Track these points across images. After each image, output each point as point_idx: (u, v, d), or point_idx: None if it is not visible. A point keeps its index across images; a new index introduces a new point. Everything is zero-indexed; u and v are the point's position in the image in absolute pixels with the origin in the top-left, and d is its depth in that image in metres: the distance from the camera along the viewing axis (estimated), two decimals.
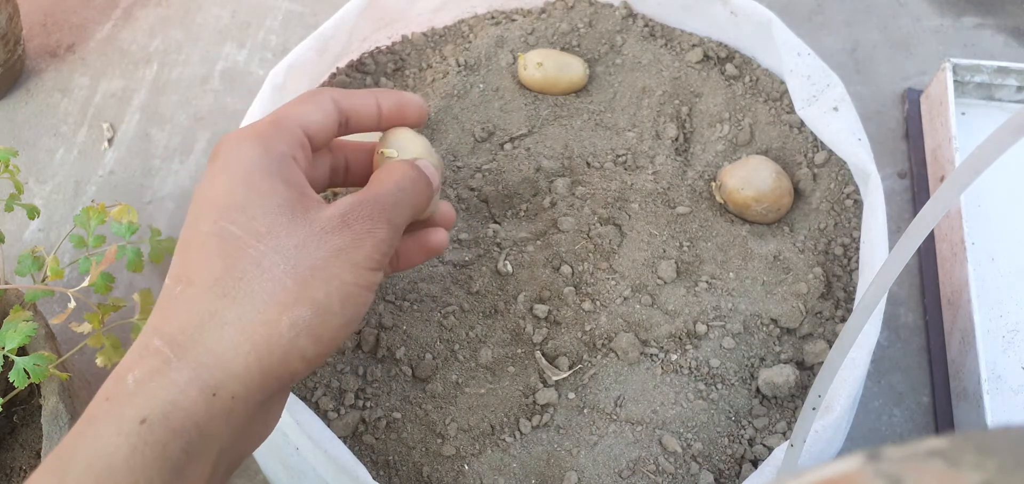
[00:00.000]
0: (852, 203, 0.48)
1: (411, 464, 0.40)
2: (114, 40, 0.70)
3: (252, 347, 0.28)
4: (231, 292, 0.28)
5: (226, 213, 0.30)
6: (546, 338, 0.43)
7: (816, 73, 0.49)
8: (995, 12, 0.73)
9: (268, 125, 0.33)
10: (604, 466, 0.39)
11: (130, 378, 0.27)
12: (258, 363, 0.28)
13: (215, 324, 0.28)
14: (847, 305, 0.45)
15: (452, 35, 0.56)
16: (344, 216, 0.31)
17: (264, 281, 0.29)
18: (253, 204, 0.30)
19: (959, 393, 0.51)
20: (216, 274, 0.29)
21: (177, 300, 0.29)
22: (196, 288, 0.29)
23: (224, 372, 0.28)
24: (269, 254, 0.29)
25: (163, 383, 0.27)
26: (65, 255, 0.56)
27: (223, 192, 0.30)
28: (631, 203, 0.47)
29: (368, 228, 0.31)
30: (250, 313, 0.28)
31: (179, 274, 0.30)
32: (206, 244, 0.29)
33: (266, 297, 0.28)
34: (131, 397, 0.27)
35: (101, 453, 0.26)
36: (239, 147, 0.31)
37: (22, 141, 0.64)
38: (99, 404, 0.27)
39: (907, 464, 0.13)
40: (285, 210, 0.30)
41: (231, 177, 0.30)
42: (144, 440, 0.26)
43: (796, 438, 0.32)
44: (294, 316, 0.29)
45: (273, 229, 0.29)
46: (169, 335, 0.28)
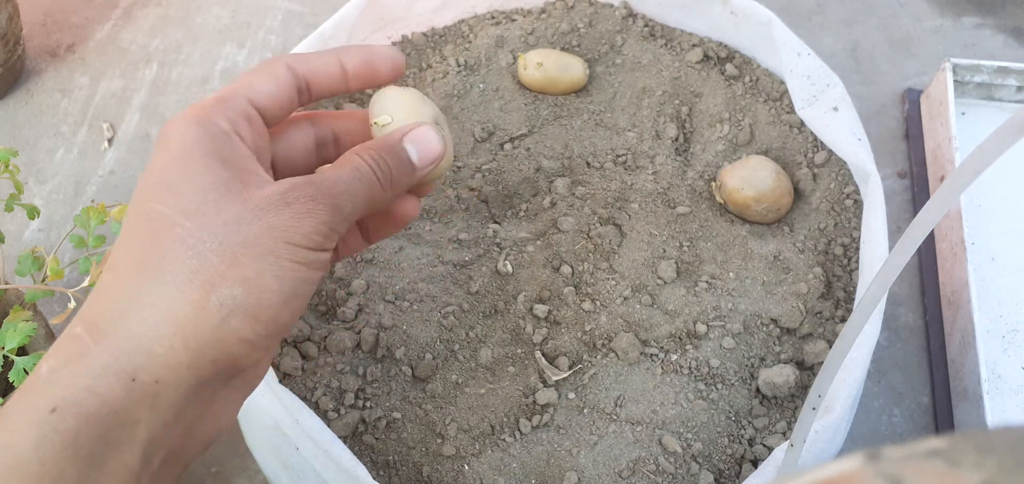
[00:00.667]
0: (852, 203, 0.48)
1: (411, 464, 0.40)
2: (114, 40, 0.70)
3: (177, 328, 0.27)
4: (153, 272, 0.27)
5: (156, 193, 0.28)
6: (546, 338, 0.43)
7: (816, 73, 0.49)
8: (995, 12, 0.73)
9: (211, 102, 0.31)
10: (604, 466, 0.39)
11: (45, 368, 0.26)
12: (184, 345, 0.27)
13: (136, 307, 0.27)
14: (847, 305, 0.45)
15: (452, 35, 0.56)
16: (284, 195, 0.29)
17: (189, 259, 0.27)
18: (184, 183, 0.28)
19: (959, 393, 0.51)
20: (139, 256, 0.27)
21: (102, 285, 0.28)
22: (119, 271, 0.28)
23: (145, 356, 0.26)
24: (195, 231, 0.27)
25: (77, 370, 0.26)
26: (65, 255, 0.56)
27: (155, 173, 0.29)
28: (631, 203, 0.47)
29: (309, 208, 0.29)
30: (173, 293, 0.27)
31: (110, 262, 0.28)
32: (134, 228, 0.28)
33: (190, 275, 0.27)
34: (43, 386, 0.26)
35: (8, 444, 0.24)
36: (178, 127, 0.30)
37: (22, 141, 0.64)
38: (13, 398, 0.26)
39: (907, 464, 0.13)
40: (218, 187, 0.28)
41: (166, 158, 0.29)
42: (54, 428, 0.25)
43: (796, 438, 0.32)
44: (223, 294, 0.27)
45: (202, 207, 0.28)
46: (89, 321, 0.27)
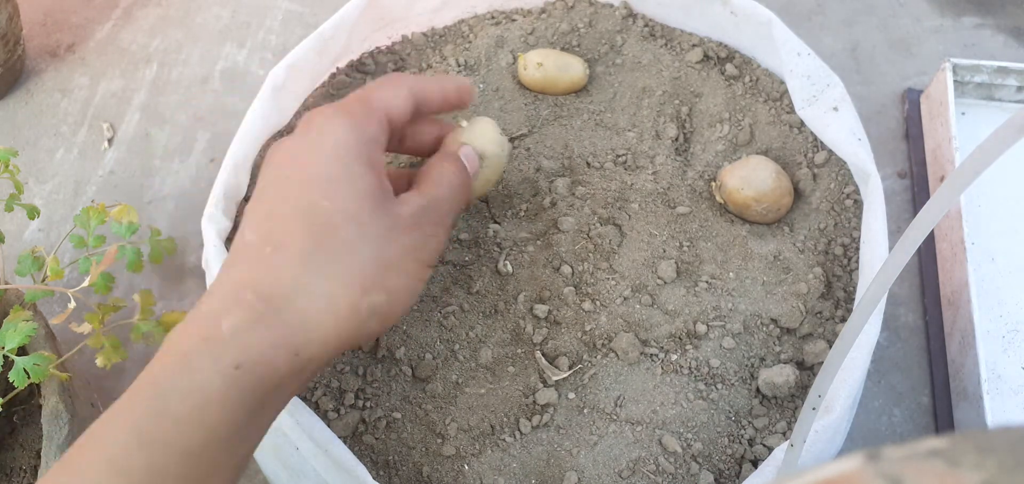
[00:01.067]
0: (852, 203, 0.48)
1: (411, 464, 0.40)
2: (114, 40, 0.70)
3: (334, 321, 0.31)
4: (323, 268, 0.31)
5: (317, 186, 0.32)
6: (546, 338, 0.43)
7: (816, 73, 0.49)
8: (995, 12, 0.73)
9: (358, 105, 0.35)
10: (604, 466, 0.39)
11: (225, 325, 0.30)
12: (336, 334, 0.31)
13: (306, 293, 0.31)
14: (847, 305, 0.45)
15: (452, 35, 0.56)
16: (416, 217, 0.34)
17: (352, 264, 0.32)
18: (343, 184, 0.33)
19: (959, 393, 0.51)
20: (308, 246, 0.31)
21: (269, 261, 0.31)
22: (288, 254, 0.31)
23: (307, 337, 0.31)
24: (358, 238, 0.32)
25: (257, 336, 0.30)
26: (65, 255, 0.56)
27: (314, 164, 0.33)
28: (631, 203, 0.47)
29: (432, 232, 0.35)
30: (338, 291, 0.31)
31: (267, 235, 0.32)
32: (296, 213, 0.32)
33: (352, 278, 0.32)
34: (227, 343, 0.29)
35: (199, 386, 0.29)
36: (332, 122, 0.34)
37: (22, 141, 0.64)
38: (194, 341, 0.29)
39: (907, 464, 0.13)
40: (370, 197, 0.33)
41: (323, 151, 0.33)
42: (236, 383, 0.29)
43: (796, 438, 0.32)
44: (372, 300, 0.32)
45: (361, 213, 0.32)
46: (262, 293, 0.31)
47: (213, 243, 0.42)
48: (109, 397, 0.53)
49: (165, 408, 0.28)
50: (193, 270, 0.58)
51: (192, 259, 0.58)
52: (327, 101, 0.52)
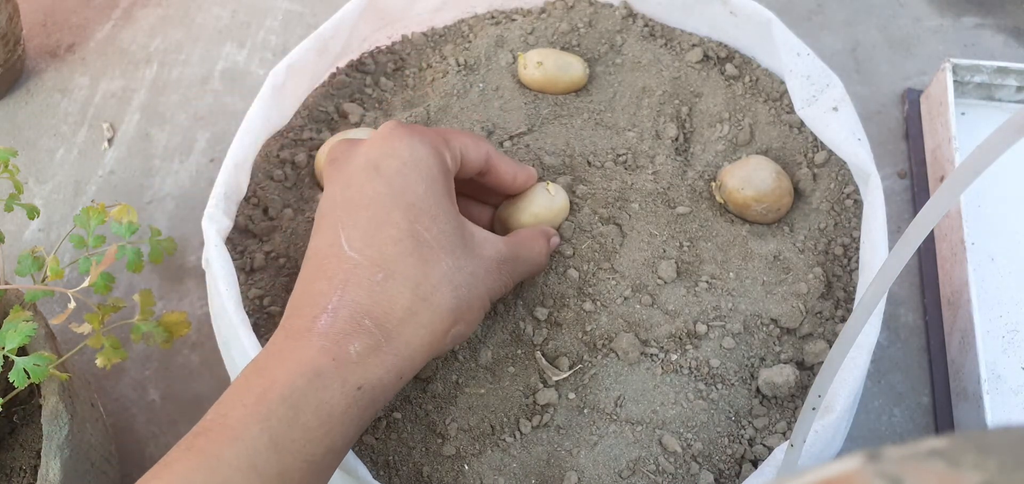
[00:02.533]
0: (852, 203, 0.48)
1: (411, 464, 0.40)
2: (114, 40, 0.70)
3: (430, 346, 0.34)
4: (427, 297, 0.34)
5: (419, 216, 0.35)
6: (546, 339, 0.43)
7: (816, 73, 0.49)
8: (995, 12, 0.73)
9: (440, 139, 0.37)
10: (604, 466, 0.39)
11: (352, 349, 0.32)
12: (426, 356, 0.35)
13: (413, 322, 0.34)
14: (847, 305, 0.45)
15: (452, 35, 0.56)
16: (499, 263, 0.37)
17: (450, 296, 0.35)
18: (441, 218, 0.35)
19: (959, 393, 0.51)
20: (416, 277, 0.34)
21: (382, 289, 0.34)
22: (398, 284, 0.34)
23: (410, 361, 0.34)
24: (456, 272, 0.35)
25: (377, 362, 0.33)
26: (65, 255, 0.56)
27: (412, 189, 0.35)
28: (631, 203, 0.47)
29: (507, 281, 0.38)
30: (436, 320, 0.34)
31: (376, 260, 0.34)
32: (403, 241, 0.34)
33: (449, 310, 0.34)
34: (354, 366, 0.32)
35: (327, 402, 0.31)
36: (420, 148, 0.36)
37: (22, 141, 0.64)
38: (325, 361, 0.32)
39: (907, 464, 0.13)
40: (461, 233, 0.36)
41: (419, 178, 0.35)
42: (357, 402, 0.32)
43: (796, 438, 0.32)
44: (458, 330, 0.36)
45: (456, 249, 0.35)
46: (378, 320, 0.33)
47: (214, 243, 0.42)
48: (109, 397, 0.53)
49: (298, 418, 0.31)
50: (193, 270, 0.58)
51: (192, 259, 0.58)
52: (327, 101, 0.52)
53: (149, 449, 0.51)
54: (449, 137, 0.38)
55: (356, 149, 0.37)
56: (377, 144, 0.36)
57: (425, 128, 0.38)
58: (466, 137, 0.39)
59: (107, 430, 0.47)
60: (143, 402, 0.53)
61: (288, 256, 0.46)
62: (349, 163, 0.36)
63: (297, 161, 0.49)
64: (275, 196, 0.48)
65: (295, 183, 0.49)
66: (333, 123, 0.52)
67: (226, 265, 0.41)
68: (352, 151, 0.37)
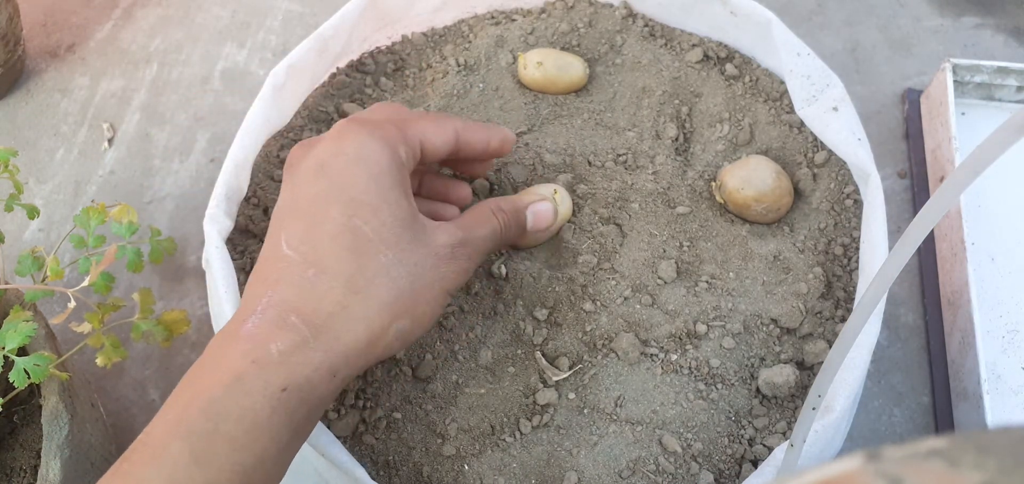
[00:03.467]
0: (852, 203, 0.48)
1: (411, 464, 0.40)
2: (114, 40, 0.70)
3: (367, 342, 0.33)
4: (361, 290, 0.33)
5: (358, 210, 0.33)
6: (546, 339, 0.43)
7: (816, 73, 0.49)
8: (995, 12, 0.73)
9: (394, 129, 0.36)
10: (604, 466, 0.39)
11: (273, 348, 0.31)
12: (366, 354, 0.33)
13: (345, 316, 0.32)
14: (847, 305, 0.45)
15: (452, 35, 0.56)
16: (453, 248, 0.36)
17: (389, 289, 0.33)
18: (383, 210, 0.34)
19: (959, 393, 0.51)
20: (350, 270, 0.33)
21: (312, 285, 0.33)
22: (330, 279, 0.33)
23: (344, 358, 0.32)
24: (395, 265, 0.33)
25: (302, 360, 0.31)
26: (65, 255, 0.56)
27: (353, 185, 0.34)
28: (631, 203, 0.47)
29: (465, 266, 0.37)
30: (373, 315, 0.33)
31: (309, 256, 0.33)
32: (338, 235, 0.33)
33: (387, 304, 0.33)
34: (276, 366, 0.31)
35: (250, 408, 0.30)
36: (370, 143, 0.35)
37: (22, 141, 0.64)
38: (245, 363, 0.31)
39: (907, 464, 0.13)
40: (408, 224, 0.34)
41: (362, 172, 0.34)
42: (283, 404, 0.31)
43: (796, 438, 0.32)
44: (400, 325, 0.34)
45: (399, 241, 0.34)
46: (306, 317, 0.32)
47: (215, 243, 0.42)
48: (109, 397, 0.53)
49: (218, 428, 0.30)
50: (193, 270, 0.58)
51: (192, 259, 0.58)
52: (327, 101, 0.52)
53: None
54: (407, 127, 0.37)
55: (309, 151, 0.36)
56: (327, 144, 0.35)
57: (381, 121, 0.36)
58: (427, 122, 0.38)
59: (107, 430, 0.47)
60: (143, 402, 0.53)
61: None
62: (300, 165, 0.36)
63: None
64: (275, 196, 0.48)
65: None
66: (333, 123, 0.52)
67: (226, 266, 0.41)
68: (305, 154, 0.36)
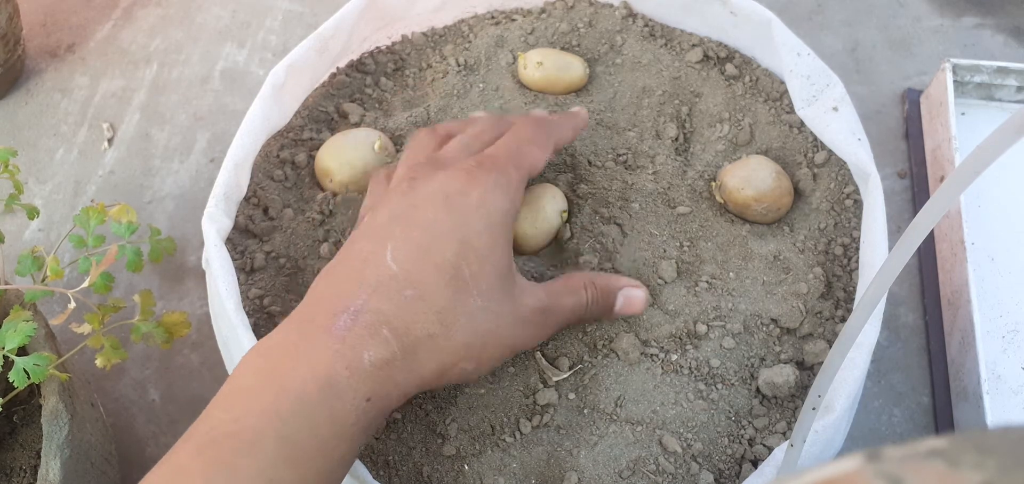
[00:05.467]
0: (852, 203, 0.48)
1: (411, 464, 0.40)
2: (114, 40, 0.70)
3: (436, 374, 0.34)
4: (448, 326, 0.34)
5: (467, 253, 0.35)
6: (546, 339, 0.43)
7: (816, 73, 0.49)
8: (995, 12, 0.73)
9: (515, 172, 0.38)
10: (604, 466, 0.39)
11: (366, 357, 0.32)
12: (431, 383, 0.34)
13: (430, 345, 0.34)
14: (847, 305, 0.45)
15: (452, 35, 0.56)
16: (535, 312, 0.37)
17: (469, 333, 0.34)
18: (487, 261, 0.35)
19: (959, 393, 0.51)
20: (444, 303, 0.34)
21: (409, 305, 0.33)
22: (426, 306, 0.34)
23: (419, 382, 0.34)
24: (481, 312, 0.35)
25: (388, 376, 0.33)
26: (65, 255, 0.56)
27: (471, 228, 0.35)
28: (632, 203, 0.47)
29: (541, 333, 0.38)
30: (450, 352, 0.34)
31: (411, 277, 0.34)
32: (442, 268, 0.34)
33: (464, 345, 0.34)
34: (366, 376, 0.32)
35: (340, 412, 0.31)
36: (494, 194, 0.36)
37: (22, 141, 0.64)
38: (338, 368, 0.32)
39: (907, 464, 0.13)
40: (504, 278, 0.36)
41: (482, 221, 0.35)
42: (365, 413, 0.32)
43: (796, 438, 0.32)
44: (466, 366, 0.35)
45: (492, 292, 0.35)
46: (398, 334, 0.33)
47: (214, 243, 0.42)
48: (108, 397, 0.53)
49: (311, 428, 0.31)
50: (193, 270, 0.58)
51: (192, 259, 0.58)
52: (327, 101, 0.52)
53: (149, 449, 0.51)
54: (523, 158, 0.39)
55: (435, 174, 0.37)
56: (457, 179, 0.36)
57: (503, 158, 0.38)
58: (537, 149, 0.40)
59: (107, 430, 0.47)
60: (143, 402, 0.53)
61: (288, 256, 0.46)
62: (424, 185, 0.36)
63: (297, 161, 0.49)
64: (275, 196, 0.48)
65: (295, 183, 0.49)
66: (333, 123, 0.52)
67: (226, 265, 0.41)
68: (431, 174, 0.37)
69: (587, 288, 0.40)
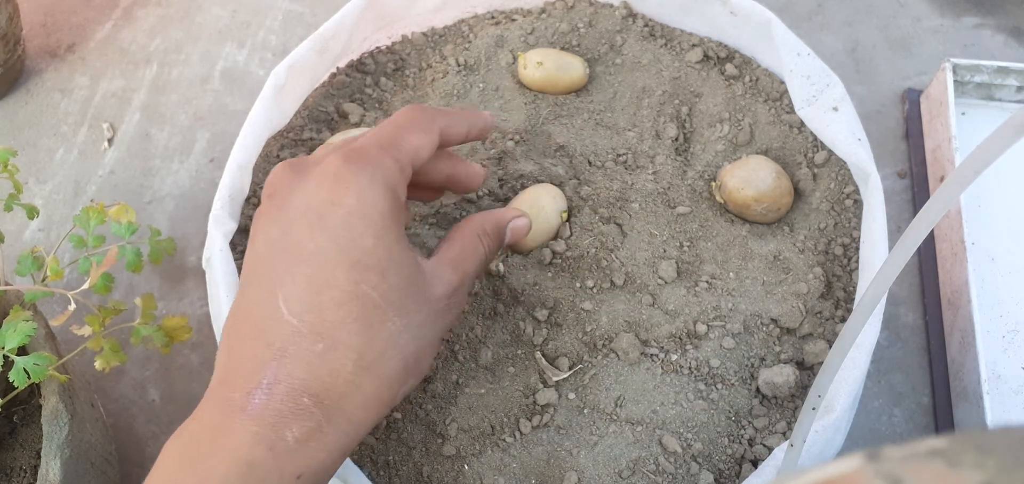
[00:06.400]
0: (852, 203, 0.48)
1: (411, 464, 0.40)
2: (114, 40, 0.70)
3: (377, 413, 0.32)
4: (371, 367, 0.31)
5: (365, 274, 0.31)
6: (546, 339, 0.43)
7: (816, 73, 0.49)
8: (995, 12, 0.73)
9: (390, 161, 0.33)
10: (604, 466, 0.39)
11: (289, 436, 0.30)
12: (373, 423, 0.32)
13: (357, 395, 0.31)
14: (847, 305, 0.45)
15: (452, 35, 0.56)
16: (449, 298, 0.35)
17: (397, 359, 0.32)
18: (390, 272, 0.32)
19: (959, 393, 0.51)
20: (360, 344, 0.31)
21: (322, 361, 0.31)
22: (340, 355, 0.31)
23: (356, 436, 0.32)
24: (403, 332, 0.32)
25: (317, 445, 0.30)
26: (65, 255, 0.56)
27: (358, 245, 0.31)
28: (632, 203, 0.47)
29: (459, 307, 0.36)
30: (382, 389, 0.32)
31: (316, 327, 0.31)
32: (346, 303, 0.31)
33: (396, 372, 0.32)
34: (292, 455, 0.30)
35: None
36: (370, 192, 0.32)
37: (22, 141, 0.64)
38: (260, 450, 0.29)
39: (907, 464, 0.13)
40: (412, 282, 0.33)
41: (367, 230, 0.32)
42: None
43: (796, 438, 0.32)
44: (408, 386, 0.33)
45: (404, 304, 0.32)
46: (318, 397, 0.30)
47: (218, 245, 0.42)
48: (108, 397, 0.53)
49: None
50: (193, 270, 0.58)
51: (192, 259, 0.58)
52: (328, 101, 0.52)
53: (149, 449, 0.51)
54: (400, 145, 0.34)
55: (298, 186, 0.33)
56: (322, 188, 0.32)
57: (375, 154, 0.33)
58: (416, 134, 0.35)
59: (107, 430, 0.47)
60: (143, 402, 0.53)
61: None
62: (289, 204, 0.33)
63: None
64: None
65: None
66: (333, 123, 0.52)
67: (227, 267, 0.41)
68: (294, 188, 0.33)
69: (482, 239, 0.38)
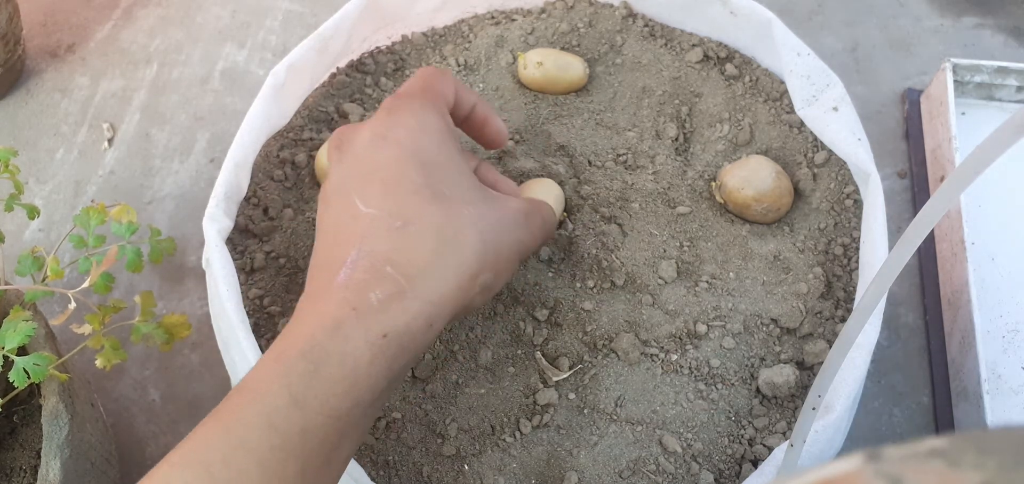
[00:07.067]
0: (852, 203, 0.48)
1: (411, 464, 0.40)
2: (114, 40, 0.70)
3: (459, 293, 0.33)
4: (451, 240, 0.33)
5: (433, 172, 0.35)
6: (546, 339, 0.43)
7: (816, 73, 0.49)
8: (995, 12, 0.73)
9: (439, 97, 0.38)
10: (604, 466, 0.39)
11: (373, 297, 0.31)
12: (455, 305, 0.33)
13: (438, 269, 0.33)
14: (847, 305, 0.45)
15: (452, 35, 0.56)
16: (527, 215, 0.37)
17: (478, 239, 0.34)
18: (453, 170, 0.35)
19: (959, 393, 0.51)
20: (437, 223, 0.33)
21: (403, 236, 0.33)
22: (420, 231, 0.33)
23: (439, 309, 0.33)
24: (478, 221, 0.34)
25: (401, 308, 0.32)
26: (65, 255, 0.56)
27: (424, 148, 0.35)
28: (632, 203, 0.47)
29: (538, 234, 0.38)
30: (463, 266, 0.33)
31: (394, 210, 0.33)
32: (421, 191, 0.34)
33: (475, 256, 0.34)
34: (376, 314, 0.31)
35: (350, 353, 0.30)
36: (426, 112, 0.36)
37: (22, 141, 0.64)
38: (345, 311, 0.31)
39: (907, 464, 0.13)
40: (480, 189, 0.36)
41: (429, 139, 0.35)
42: (383, 351, 0.31)
43: (796, 438, 0.32)
44: (485, 278, 0.34)
45: (476, 200, 0.35)
46: (400, 267, 0.32)
47: (215, 243, 0.42)
48: (109, 397, 0.53)
49: (319, 371, 0.30)
50: (193, 270, 0.58)
51: (192, 259, 0.58)
52: (327, 101, 0.52)
53: (149, 449, 0.51)
54: (444, 87, 0.38)
55: (360, 128, 0.36)
56: (382, 119, 0.36)
57: (414, 90, 0.37)
58: (440, 81, 0.39)
59: (107, 430, 0.47)
60: (143, 402, 0.53)
61: (288, 256, 0.46)
62: (355, 141, 0.36)
63: (297, 161, 0.49)
64: (275, 196, 0.48)
65: (295, 183, 0.49)
66: (333, 123, 0.52)
67: (226, 266, 0.41)
68: (356, 131, 0.36)
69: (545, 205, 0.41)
